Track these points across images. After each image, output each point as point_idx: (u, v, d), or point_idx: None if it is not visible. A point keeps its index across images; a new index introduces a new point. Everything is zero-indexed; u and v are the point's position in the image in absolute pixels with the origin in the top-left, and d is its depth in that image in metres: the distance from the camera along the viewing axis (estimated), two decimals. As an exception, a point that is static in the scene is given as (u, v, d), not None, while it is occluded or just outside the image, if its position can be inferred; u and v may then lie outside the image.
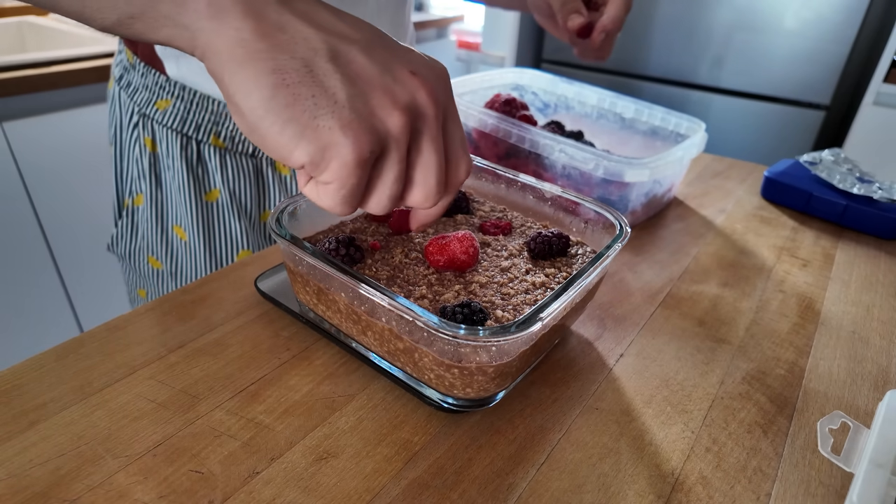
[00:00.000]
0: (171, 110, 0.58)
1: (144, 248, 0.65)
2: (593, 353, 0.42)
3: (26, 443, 0.31)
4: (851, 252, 0.60)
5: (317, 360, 0.39)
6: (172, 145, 0.59)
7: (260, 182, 0.63)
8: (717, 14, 1.57)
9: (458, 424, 0.35)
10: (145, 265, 0.65)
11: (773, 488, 0.32)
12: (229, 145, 0.60)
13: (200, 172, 0.60)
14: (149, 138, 0.60)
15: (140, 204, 0.63)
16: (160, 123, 0.59)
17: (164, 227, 0.63)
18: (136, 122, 0.61)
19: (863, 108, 1.47)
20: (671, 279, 0.52)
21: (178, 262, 0.63)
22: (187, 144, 0.59)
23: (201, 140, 0.59)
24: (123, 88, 0.62)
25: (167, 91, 0.58)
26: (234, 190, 0.61)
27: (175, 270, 0.64)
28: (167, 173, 0.61)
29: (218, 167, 0.60)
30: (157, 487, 0.30)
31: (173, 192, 0.61)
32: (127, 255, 0.66)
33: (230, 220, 0.62)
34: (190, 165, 0.60)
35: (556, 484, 0.32)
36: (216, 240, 0.62)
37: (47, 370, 0.36)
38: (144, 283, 0.67)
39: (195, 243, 0.62)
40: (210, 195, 0.61)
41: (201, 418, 0.34)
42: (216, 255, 0.62)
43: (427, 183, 0.29)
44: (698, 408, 0.38)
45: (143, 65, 0.59)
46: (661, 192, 0.63)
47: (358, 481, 0.31)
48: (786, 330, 0.46)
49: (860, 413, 0.38)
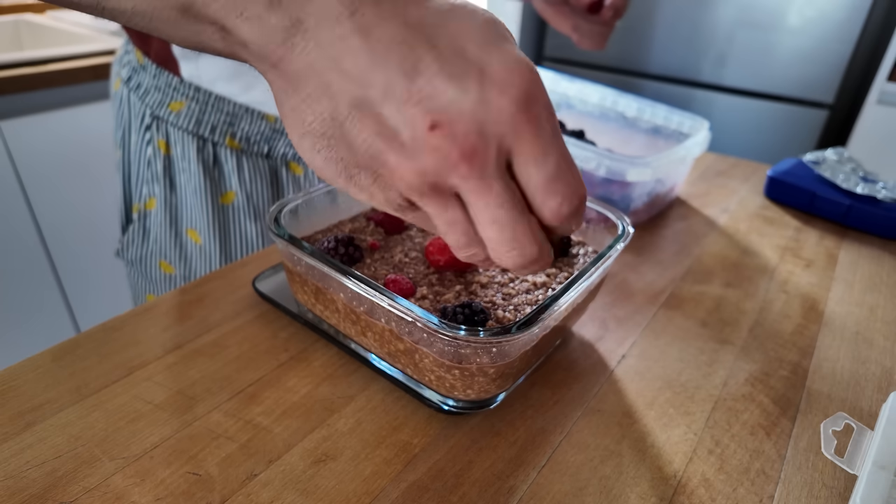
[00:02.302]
0: (186, 112, 0.58)
1: (156, 252, 0.64)
2: (595, 355, 0.42)
3: (22, 444, 0.31)
4: (855, 252, 0.59)
5: (315, 362, 0.39)
6: (188, 147, 0.59)
7: (275, 183, 0.63)
8: (720, 12, 1.56)
9: (459, 426, 0.35)
10: (156, 270, 0.65)
11: (776, 490, 0.32)
12: (245, 146, 0.60)
13: (216, 174, 0.60)
14: (163, 140, 0.60)
15: (152, 208, 0.63)
16: (174, 125, 0.59)
17: (177, 230, 0.62)
18: (149, 125, 0.60)
19: (867, 107, 1.46)
20: (673, 279, 0.52)
21: (191, 266, 0.63)
22: (203, 146, 0.59)
23: (217, 142, 0.59)
24: (133, 90, 0.61)
25: (181, 92, 0.58)
26: (250, 192, 0.61)
27: (188, 275, 0.63)
28: (182, 176, 0.60)
29: (234, 169, 0.60)
30: (154, 489, 0.29)
31: (188, 194, 0.60)
32: (138, 260, 0.66)
33: (245, 223, 0.62)
34: (206, 167, 0.59)
35: (558, 486, 0.31)
36: (232, 242, 0.62)
37: (44, 371, 0.36)
38: (154, 288, 0.66)
39: (210, 247, 0.61)
40: (225, 197, 0.61)
41: (199, 420, 0.33)
42: (231, 258, 0.62)
43: (490, 240, 0.22)
44: (701, 409, 0.37)
45: (155, 66, 0.58)
46: (663, 191, 0.63)
47: (357, 484, 0.31)
48: (789, 331, 0.46)
49: (864, 415, 0.38)
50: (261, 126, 0.60)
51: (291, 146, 0.61)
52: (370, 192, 0.22)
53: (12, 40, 1.37)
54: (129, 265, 0.68)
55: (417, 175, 0.21)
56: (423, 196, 0.21)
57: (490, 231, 0.22)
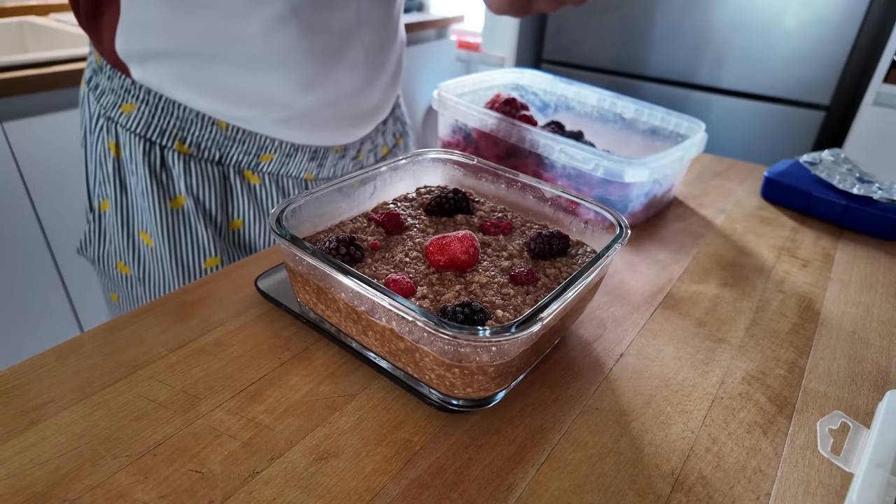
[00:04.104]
0: (136, 114, 0.56)
1: (113, 252, 0.63)
2: (593, 353, 0.42)
3: (26, 443, 0.31)
4: (851, 252, 0.60)
5: (317, 360, 0.39)
6: (136, 150, 0.57)
7: (227, 190, 0.61)
8: (717, 14, 1.57)
9: (459, 424, 0.35)
10: (114, 270, 0.64)
11: (772, 488, 0.32)
12: (194, 152, 0.58)
13: (164, 178, 0.58)
14: (113, 142, 0.58)
15: (106, 209, 0.61)
16: (124, 127, 0.57)
17: (130, 232, 0.61)
18: (102, 126, 0.59)
19: (863, 109, 1.47)
20: (671, 279, 0.52)
21: (145, 267, 0.62)
22: (150, 150, 0.57)
23: (165, 146, 0.57)
24: (92, 90, 0.60)
25: (132, 95, 0.56)
26: (198, 197, 0.59)
27: (143, 276, 0.62)
28: (131, 178, 0.59)
29: (182, 174, 0.58)
30: (157, 487, 0.30)
31: (138, 197, 0.59)
32: (97, 260, 0.65)
33: (196, 228, 0.60)
34: (153, 171, 0.58)
35: (556, 484, 0.32)
36: (182, 247, 0.60)
37: (47, 370, 0.36)
38: (116, 287, 0.65)
39: (161, 250, 0.60)
40: (175, 202, 0.59)
41: (201, 418, 0.34)
42: (183, 262, 0.60)
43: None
44: (698, 408, 0.38)
45: (110, 67, 0.57)
46: (660, 192, 0.63)
47: (358, 481, 0.31)
48: (785, 330, 0.47)
49: (860, 413, 0.38)
50: (212, 132, 0.58)
51: (246, 154, 0.59)
52: None
53: (16, 42, 1.37)
54: (91, 263, 0.67)
55: None
56: None
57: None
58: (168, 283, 0.61)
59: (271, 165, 0.61)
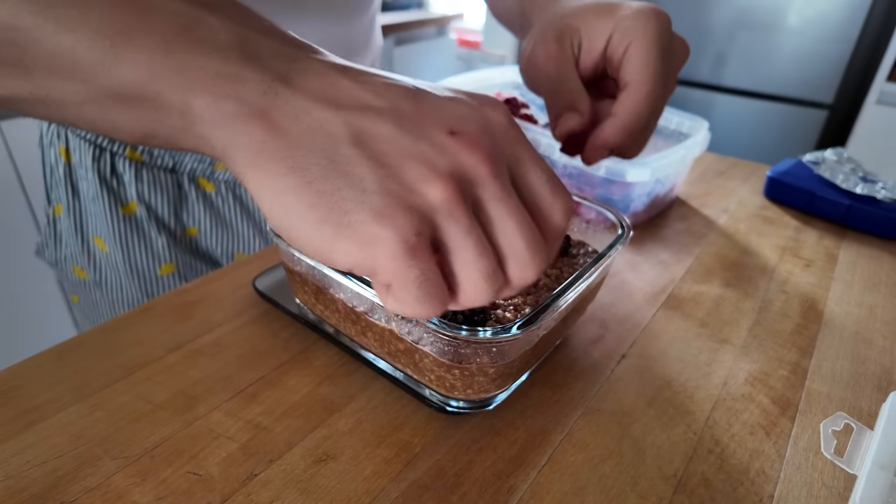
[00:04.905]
0: None
1: (69, 257, 0.62)
2: (595, 354, 0.42)
3: (23, 444, 0.31)
4: (855, 252, 0.59)
5: (316, 362, 0.39)
6: (85, 156, 0.56)
7: (181, 197, 0.59)
8: (719, 12, 1.56)
9: (459, 426, 0.35)
10: (72, 274, 0.63)
11: (775, 490, 0.32)
12: (147, 159, 0.56)
13: (115, 185, 0.57)
14: (63, 147, 0.57)
15: (59, 213, 0.61)
16: (74, 133, 0.56)
17: (84, 237, 0.60)
18: (53, 130, 0.58)
19: (866, 108, 1.46)
20: (673, 279, 0.52)
21: (101, 272, 0.61)
22: (100, 156, 0.56)
23: (116, 152, 0.56)
24: None
25: None
26: (151, 204, 0.58)
27: (100, 280, 0.61)
28: (82, 184, 0.58)
29: (133, 180, 0.57)
30: (155, 489, 0.29)
31: (89, 203, 0.58)
32: (55, 263, 0.64)
33: (150, 234, 0.59)
34: (103, 178, 0.56)
35: (558, 486, 0.31)
36: (136, 253, 0.59)
37: (45, 371, 0.36)
38: (75, 290, 0.65)
39: (115, 256, 0.59)
40: (126, 208, 0.58)
41: (199, 420, 0.34)
42: (137, 269, 0.59)
43: (515, 250, 0.22)
44: (701, 409, 0.38)
45: None
46: (663, 191, 0.63)
47: (357, 483, 0.31)
48: (789, 331, 0.46)
49: (863, 414, 0.38)
50: None
51: (200, 162, 0.58)
52: (371, 231, 0.21)
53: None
54: (50, 267, 0.66)
55: (444, 184, 0.21)
56: (453, 210, 0.21)
57: (516, 239, 0.22)
58: (125, 289, 0.60)
59: (227, 174, 0.59)
